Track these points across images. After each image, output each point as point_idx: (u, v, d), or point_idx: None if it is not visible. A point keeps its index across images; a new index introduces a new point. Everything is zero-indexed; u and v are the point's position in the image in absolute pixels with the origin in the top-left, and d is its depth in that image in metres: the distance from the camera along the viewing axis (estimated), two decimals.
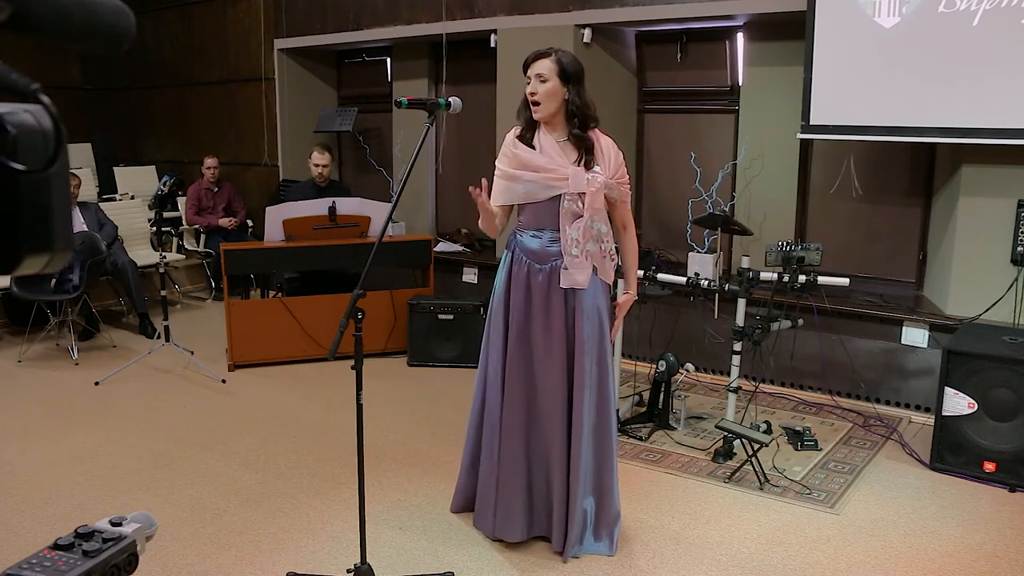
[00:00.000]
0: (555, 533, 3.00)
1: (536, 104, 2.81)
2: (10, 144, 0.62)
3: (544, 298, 2.89)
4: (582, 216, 2.80)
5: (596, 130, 2.89)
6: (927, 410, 4.34)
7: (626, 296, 3.06)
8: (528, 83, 2.83)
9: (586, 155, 2.83)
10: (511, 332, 2.96)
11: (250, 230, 7.34)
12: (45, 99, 0.65)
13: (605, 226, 2.86)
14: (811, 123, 4.44)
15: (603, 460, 3.01)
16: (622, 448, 3.94)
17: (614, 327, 3.02)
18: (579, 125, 2.83)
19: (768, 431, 3.97)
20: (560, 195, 2.81)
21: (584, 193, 2.79)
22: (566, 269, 2.82)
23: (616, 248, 3.02)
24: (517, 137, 2.92)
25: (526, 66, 2.84)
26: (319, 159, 5.91)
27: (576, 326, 2.88)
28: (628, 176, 2.97)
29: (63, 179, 0.66)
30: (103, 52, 0.71)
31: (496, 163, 2.94)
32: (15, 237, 0.64)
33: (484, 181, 2.85)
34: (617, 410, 4.06)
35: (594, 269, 2.88)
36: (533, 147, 2.87)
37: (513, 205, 2.95)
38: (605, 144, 2.88)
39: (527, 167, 2.84)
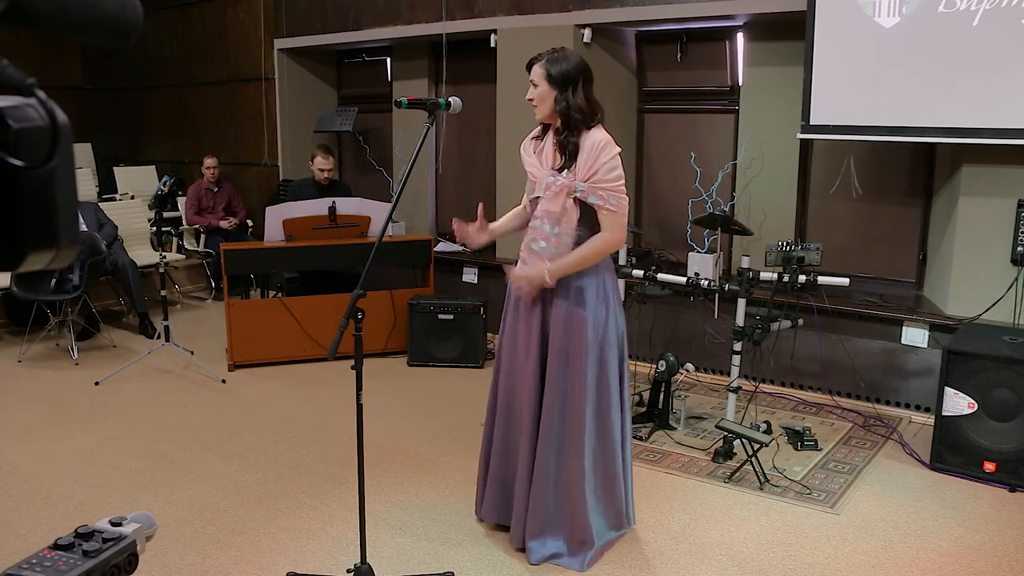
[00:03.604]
0: (513, 530, 3.03)
1: (535, 107, 2.86)
2: (11, 139, 0.62)
3: (527, 302, 2.91)
4: (535, 218, 2.82)
5: (595, 128, 2.81)
6: (927, 410, 4.33)
7: (536, 269, 2.77)
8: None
9: (567, 159, 2.80)
10: (503, 334, 3.03)
11: (250, 230, 7.34)
12: (41, 94, 0.64)
13: (566, 231, 2.77)
14: (811, 123, 4.44)
15: (573, 476, 2.91)
16: None
17: (514, 287, 2.88)
18: (561, 129, 2.81)
19: (768, 431, 3.97)
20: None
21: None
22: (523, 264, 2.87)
23: None
24: (534, 138, 2.97)
25: (528, 71, 2.88)
26: (323, 164, 5.88)
27: (551, 337, 2.87)
28: (620, 181, 2.77)
29: (67, 174, 0.65)
30: (108, 44, 0.70)
31: None
32: (19, 233, 0.63)
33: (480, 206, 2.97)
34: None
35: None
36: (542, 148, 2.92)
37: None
38: (591, 143, 2.76)
39: (527, 168, 2.95)
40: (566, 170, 2.79)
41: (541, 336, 2.89)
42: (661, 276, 4.24)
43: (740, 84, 5.24)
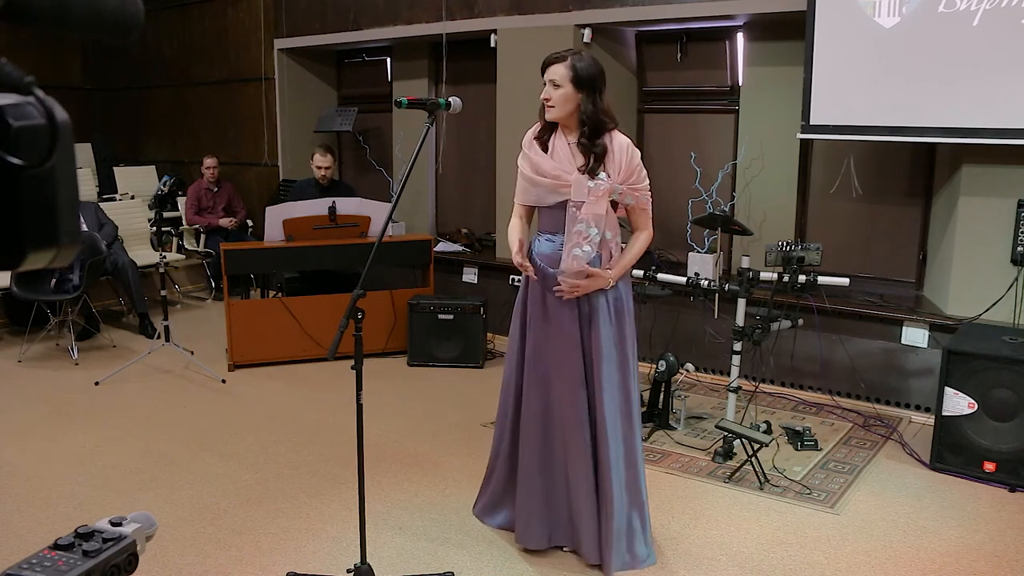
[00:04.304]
0: (586, 545, 2.91)
1: (551, 108, 2.78)
2: (11, 138, 0.61)
3: (558, 302, 2.85)
4: (579, 222, 2.75)
5: (613, 131, 2.80)
6: (927, 410, 4.33)
7: (601, 271, 2.79)
8: (544, 86, 2.80)
9: (593, 162, 2.76)
10: (528, 339, 2.94)
11: (250, 230, 7.34)
12: (39, 92, 0.64)
13: (612, 232, 2.79)
14: (811, 123, 4.44)
15: (633, 470, 2.92)
16: None
17: (564, 287, 2.78)
18: (589, 133, 2.76)
19: (768, 431, 3.97)
20: (567, 201, 2.78)
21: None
22: (562, 274, 2.80)
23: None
24: (535, 137, 2.88)
25: (542, 70, 2.80)
26: (321, 161, 5.89)
27: (593, 330, 2.83)
28: (647, 181, 2.85)
29: (68, 172, 0.65)
30: (109, 41, 0.69)
31: (518, 160, 2.93)
32: (19, 232, 0.63)
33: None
34: None
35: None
36: (547, 148, 2.84)
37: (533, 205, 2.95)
38: (618, 146, 2.78)
39: (537, 171, 2.83)
40: (596, 173, 2.75)
41: (580, 336, 2.84)
42: (661, 276, 4.24)
43: (740, 84, 5.24)
